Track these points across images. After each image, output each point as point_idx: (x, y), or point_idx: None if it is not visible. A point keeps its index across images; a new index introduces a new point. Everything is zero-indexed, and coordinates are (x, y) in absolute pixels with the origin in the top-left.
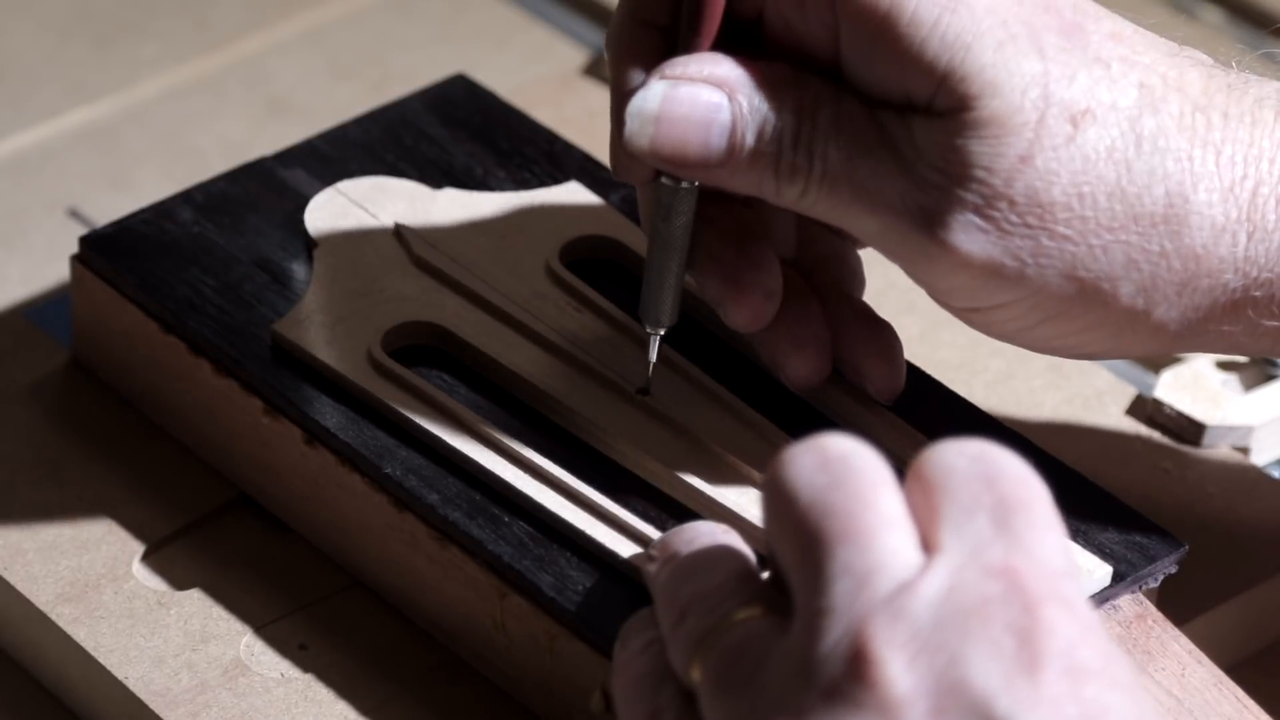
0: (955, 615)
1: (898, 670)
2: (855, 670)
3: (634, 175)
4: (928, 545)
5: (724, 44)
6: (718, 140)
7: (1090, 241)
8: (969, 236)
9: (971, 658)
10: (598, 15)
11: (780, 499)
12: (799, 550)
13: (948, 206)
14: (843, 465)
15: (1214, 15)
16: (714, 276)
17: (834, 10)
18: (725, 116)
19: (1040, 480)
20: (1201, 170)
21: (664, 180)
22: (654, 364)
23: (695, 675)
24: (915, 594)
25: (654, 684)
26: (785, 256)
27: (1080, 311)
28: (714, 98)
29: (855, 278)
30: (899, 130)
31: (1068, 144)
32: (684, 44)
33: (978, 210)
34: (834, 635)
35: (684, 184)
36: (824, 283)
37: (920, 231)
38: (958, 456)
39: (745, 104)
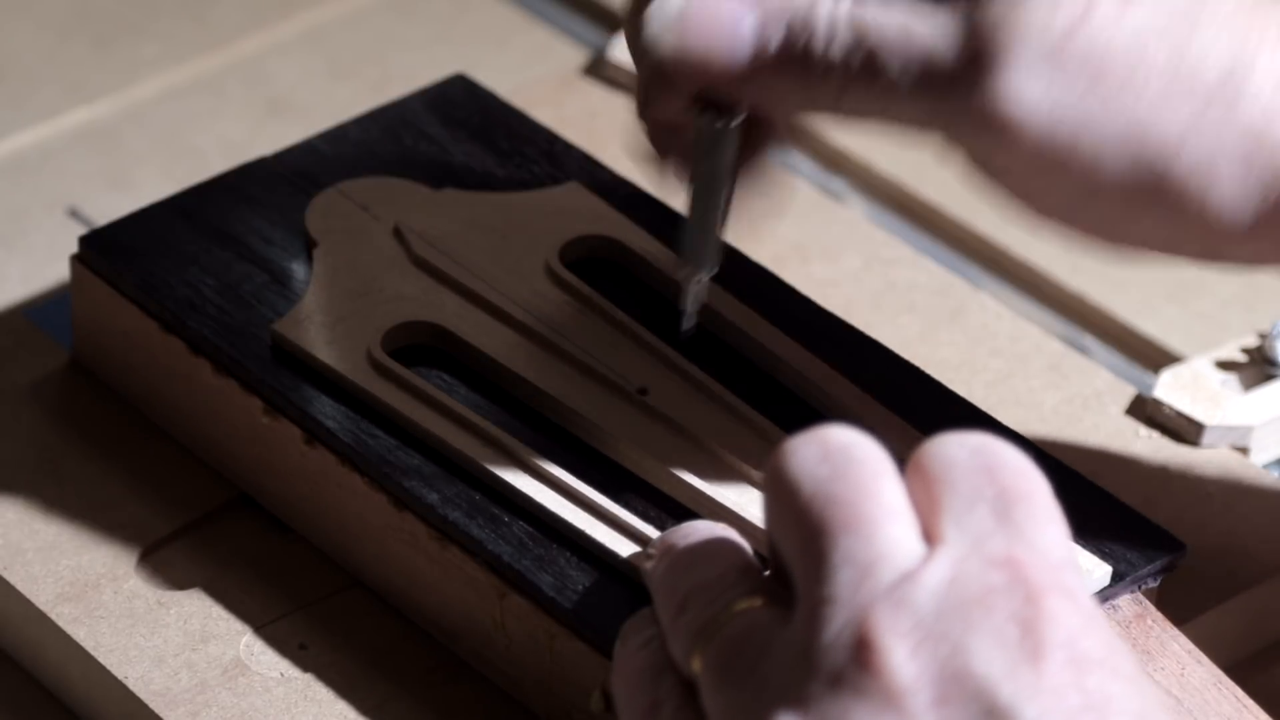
0: (958, 605)
1: (901, 659)
2: (859, 659)
3: (662, 108)
4: (929, 536)
5: None
6: (746, 36)
7: (1149, 101)
8: (1027, 91)
9: (974, 647)
10: (598, 15)
11: (782, 489)
12: (801, 540)
13: (1005, 59)
14: (844, 456)
15: None
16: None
17: None
18: (751, 15)
19: (1040, 472)
20: (1262, 43)
21: (704, 117)
22: (693, 316)
23: (696, 666)
24: (918, 583)
25: (654, 677)
26: None
27: (1135, 183)
28: None
29: None
30: None
31: (1124, 7)
32: None
33: (1037, 61)
34: (837, 624)
35: (721, 124)
36: None
37: (977, 94)
38: (958, 448)
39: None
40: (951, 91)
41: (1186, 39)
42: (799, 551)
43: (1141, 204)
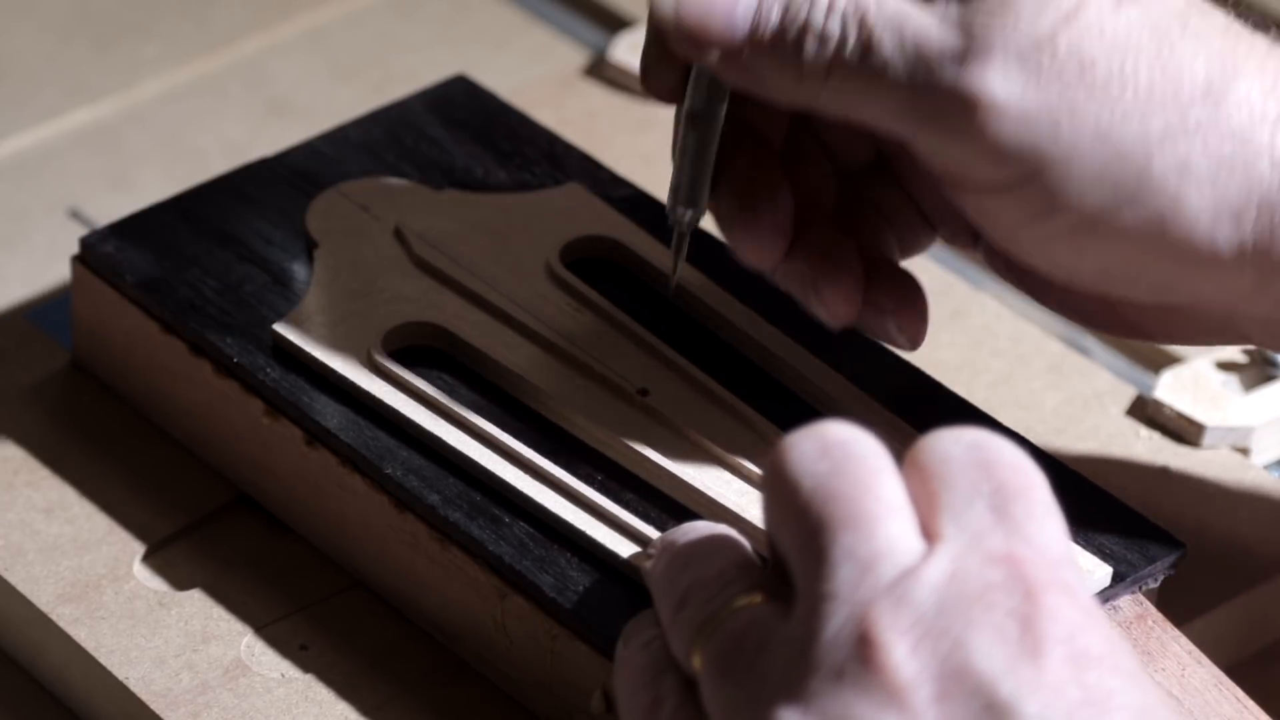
0: (958, 601)
1: (902, 655)
2: (860, 655)
3: (659, 84)
4: (927, 533)
5: None
6: (743, 14)
7: (1127, 106)
8: (1008, 82)
9: (975, 643)
10: (598, 15)
11: (782, 485)
12: (801, 536)
13: (990, 49)
14: (843, 452)
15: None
16: (731, 199)
17: None
18: None
19: (1036, 467)
20: (1244, 65)
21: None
22: (679, 262)
23: (696, 663)
24: (919, 580)
25: (655, 675)
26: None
27: (1102, 194)
28: None
29: (900, 241)
30: None
31: (1114, 11)
32: None
33: (1021, 55)
34: (838, 621)
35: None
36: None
37: (959, 83)
38: (954, 444)
39: None
40: (935, 80)
41: (1172, 46)
42: (799, 548)
43: (1106, 220)
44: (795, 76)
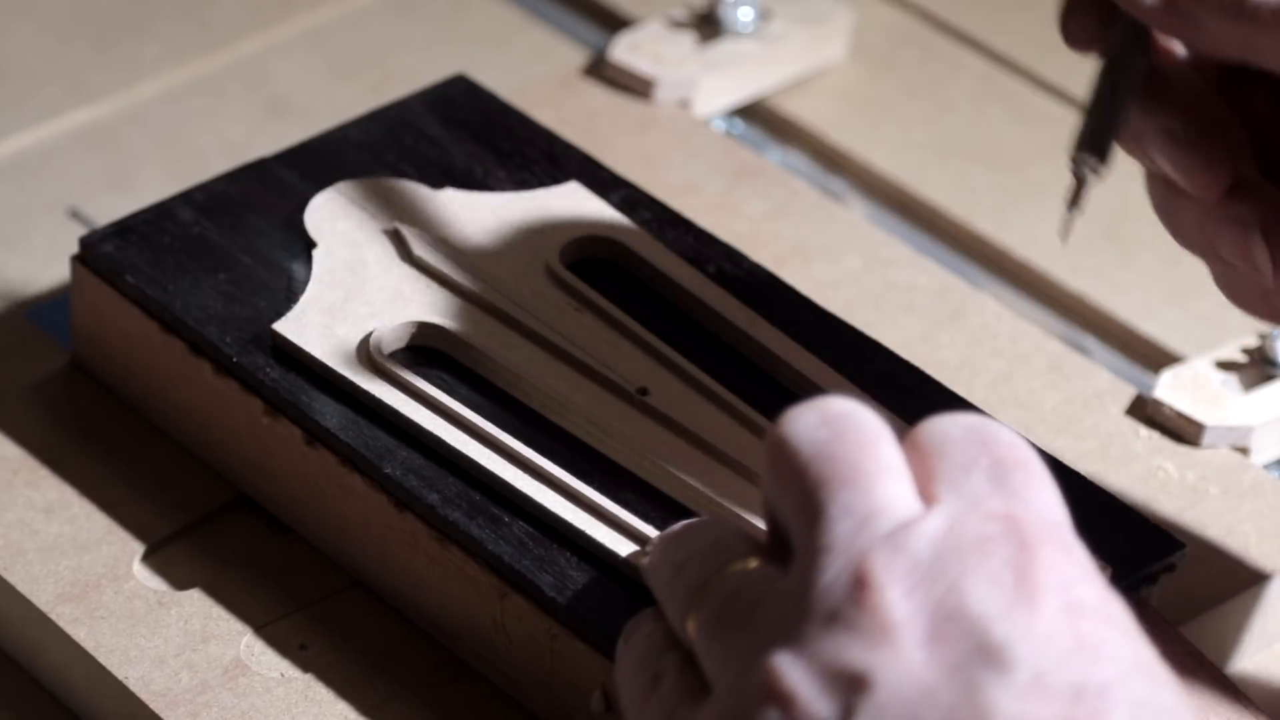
0: (955, 550)
1: (896, 596)
2: (854, 596)
3: (1078, 32)
4: (925, 499)
5: None
6: None
7: None
8: None
9: (970, 587)
10: (598, 15)
11: (782, 453)
12: (800, 496)
13: None
14: (844, 420)
15: None
16: (1184, 117)
17: None
18: None
19: (1031, 448)
20: None
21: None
22: (1073, 218)
23: (691, 628)
24: (916, 532)
25: (655, 656)
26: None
27: None
28: None
29: None
30: None
31: None
32: None
33: None
34: (834, 570)
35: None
36: None
37: None
38: (952, 425)
39: None
40: None
41: None
42: (797, 508)
43: None
44: (1235, 13)
